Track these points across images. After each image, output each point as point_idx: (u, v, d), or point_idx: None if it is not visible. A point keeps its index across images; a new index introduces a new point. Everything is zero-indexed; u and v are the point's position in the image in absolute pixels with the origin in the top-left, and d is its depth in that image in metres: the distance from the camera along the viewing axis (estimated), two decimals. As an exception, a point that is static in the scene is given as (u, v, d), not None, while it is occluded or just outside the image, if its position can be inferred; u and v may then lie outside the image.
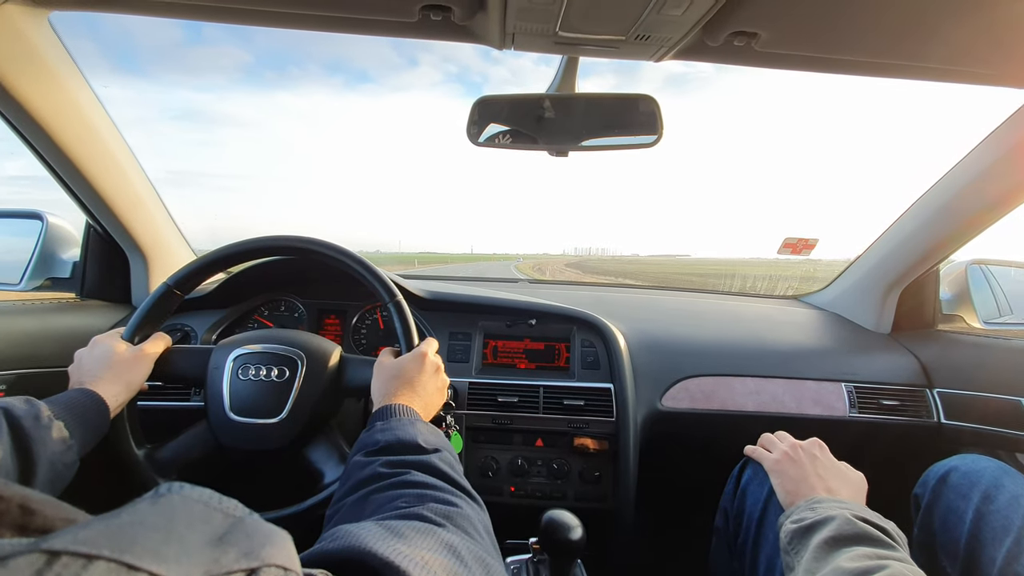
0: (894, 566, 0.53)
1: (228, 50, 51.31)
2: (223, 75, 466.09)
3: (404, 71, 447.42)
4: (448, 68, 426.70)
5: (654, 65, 0.84)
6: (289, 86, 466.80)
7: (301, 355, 0.86)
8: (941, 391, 1.20)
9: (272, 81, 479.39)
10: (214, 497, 0.26)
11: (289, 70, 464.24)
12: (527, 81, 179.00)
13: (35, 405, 0.64)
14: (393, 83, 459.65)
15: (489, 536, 0.49)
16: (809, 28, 0.73)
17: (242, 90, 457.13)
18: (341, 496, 0.55)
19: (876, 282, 1.37)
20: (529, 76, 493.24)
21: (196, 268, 0.89)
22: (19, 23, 0.78)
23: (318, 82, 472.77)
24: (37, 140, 0.94)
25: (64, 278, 1.19)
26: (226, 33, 29.14)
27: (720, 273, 21.60)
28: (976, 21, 0.70)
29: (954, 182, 1.13)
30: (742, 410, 1.17)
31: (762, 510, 0.79)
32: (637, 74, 33.90)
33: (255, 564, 0.23)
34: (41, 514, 0.22)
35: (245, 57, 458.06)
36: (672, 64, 0.82)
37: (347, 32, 0.80)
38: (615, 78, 27.72)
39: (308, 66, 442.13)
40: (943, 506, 0.81)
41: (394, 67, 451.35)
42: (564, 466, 1.12)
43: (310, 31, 0.82)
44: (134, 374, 0.80)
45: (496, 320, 1.25)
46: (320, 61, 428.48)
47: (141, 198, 1.17)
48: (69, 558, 0.18)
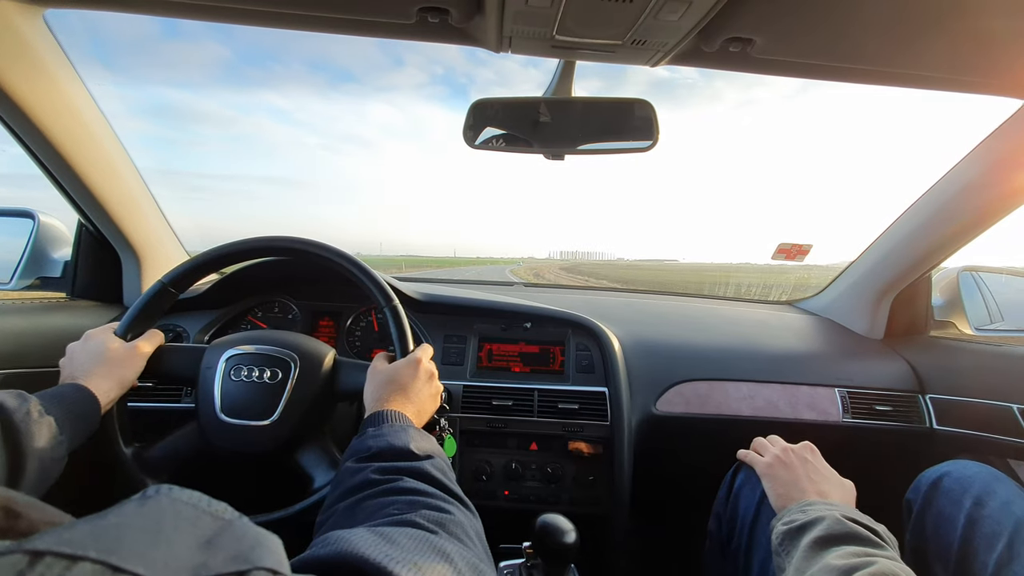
0: (882, 562, 0.53)
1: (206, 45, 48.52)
2: (200, 71, 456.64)
3: (389, 71, 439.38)
4: (434, 69, 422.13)
5: (640, 69, 0.84)
6: (270, 83, 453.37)
7: (294, 357, 0.85)
8: (933, 397, 1.20)
9: (251, 78, 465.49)
10: (203, 500, 0.25)
11: (270, 66, 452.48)
12: (514, 83, 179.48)
13: (26, 400, 0.64)
14: (378, 83, 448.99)
15: (481, 543, 0.49)
16: (804, 35, 0.74)
17: (219, 87, 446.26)
18: (332, 502, 0.55)
19: (869, 288, 1.38)
20: (516, 78, 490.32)
21: (191, 267, 0.88)
22: (14, 20, 0.78)
23: (299, 81, 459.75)
24: (30, 137, 0.93)
25: (55, 277, 1.18)
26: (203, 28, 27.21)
27: (710, 281, 21.65)
28: (969, 31, 0.71)
29: (946, 189, 1.14)
30: (736, 414, 1.17)
31: (755, 514, 0.79)
32: (621, 77, 33.99)
33: (243, 567, 0.22)
34: (26, 517, 0.22)
35: (223, 52, 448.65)
36: (659, 68, 0.82)
37: (344, 33, 0.80)
38: (599, 81, 27.51)
39: (290, 63, 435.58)
40: (935, 512, 0.81)
41: (379, 67, 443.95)
42: (558, 470, 1.11)
43: (307, 32, 0.82)
44: (126, 371, 0.79)
45: (491, 323, 1.24)
46: (303, 59, 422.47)
47: (134, 197, 1.16)
48: (53, 558, 0.18)
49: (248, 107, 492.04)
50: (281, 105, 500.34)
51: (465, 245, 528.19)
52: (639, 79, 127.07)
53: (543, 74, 0.88)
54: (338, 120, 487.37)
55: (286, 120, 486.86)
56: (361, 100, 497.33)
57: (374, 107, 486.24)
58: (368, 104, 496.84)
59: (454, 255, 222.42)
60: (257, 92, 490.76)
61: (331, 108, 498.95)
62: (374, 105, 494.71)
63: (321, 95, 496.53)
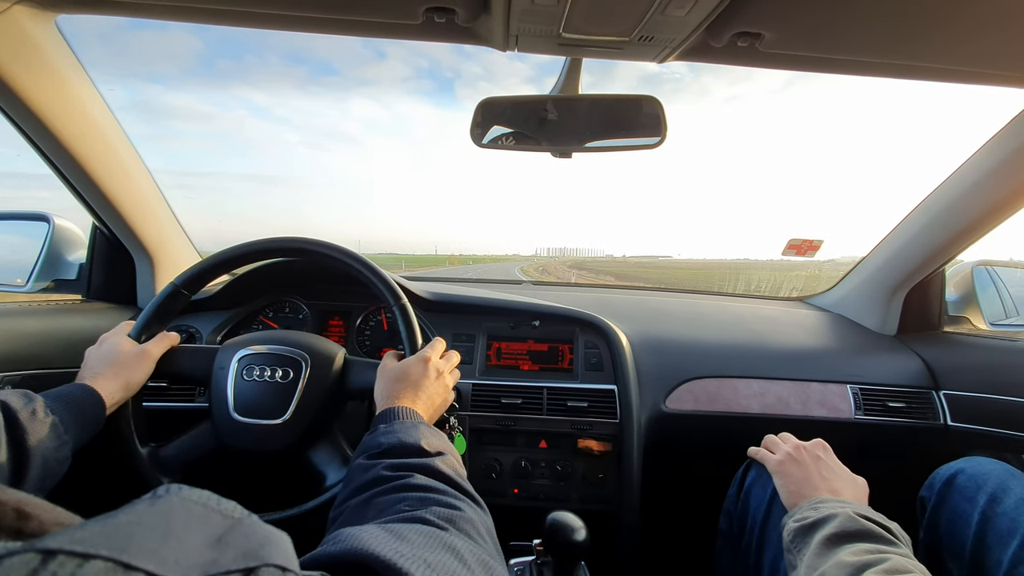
0: (895, 559, 0.53)
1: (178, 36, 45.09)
2: (173, 64, 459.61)
3: (370, 64, 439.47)
4: (418, 63, 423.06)
5: (629, 66, 0.84)
6: (246, 77, 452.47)
7: (305, 356, 0.86)
8: (947, 393, 1.19)
9: (227, 72, 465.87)
10: (212, 499, 0.26)
11: (246, 59, 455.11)
12: (500, 77, 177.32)
13: (32, 399, 0.64)
14: (358, 76, 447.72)
15: (492, 540, 0.49)
16: (814, 28, 0.73)
17: (194, 81, 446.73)
18: (344, 499, 0.55)
19: (881, 283, 1.36)
20: (502, 72, 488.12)
21: (204, 268, 0.89)
22: (27, 26, 0.79)
23: (279, 73, 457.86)
24: (44, 142, 0.95)
25: (70, 280, 1.20)
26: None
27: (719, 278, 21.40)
28: (982, 21, 0.70)
29: (960, 182, 1.13)
30: (747, 412, 1.16)
31: (766, 512, 0.79)
32: (611, 74, 32.86)
33: (253, 564, 0.23)
34: (36, 518, 0.22)
35: (196, 44, 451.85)
36: (647, 65, 0.82)
37: (351, 34, 0.81)
38: (589, 76, 27.68)
39: (267, 56, 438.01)
40: (949, 509, 0.80)
41: (360, 59, 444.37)
42: (568, 468, 1.12)
43: (314, 34, 0.82)
44: (134, 373, 0.81)
45: (500, 321, 1.25)
46: (281, 52, 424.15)
47: (147, 200, 1.18)
48: (65, 557, 0.18)
49: (227, 103, 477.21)
50: (261, 101, 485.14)
51: (446, 242, 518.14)
52: (629, 75, 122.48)
53: (530, 68, 0.88)
54: (319, 116, 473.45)
55: (266, 116, 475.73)
56: (343, 94, 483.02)
57: (356, 102, 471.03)
58: (351, 99, 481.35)
59: (435, 252, 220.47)
60: (235, 87, 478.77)
61: (312, 103, 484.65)
62: (356, 100, 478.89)
63: (302, 89, 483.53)
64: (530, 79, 28.16)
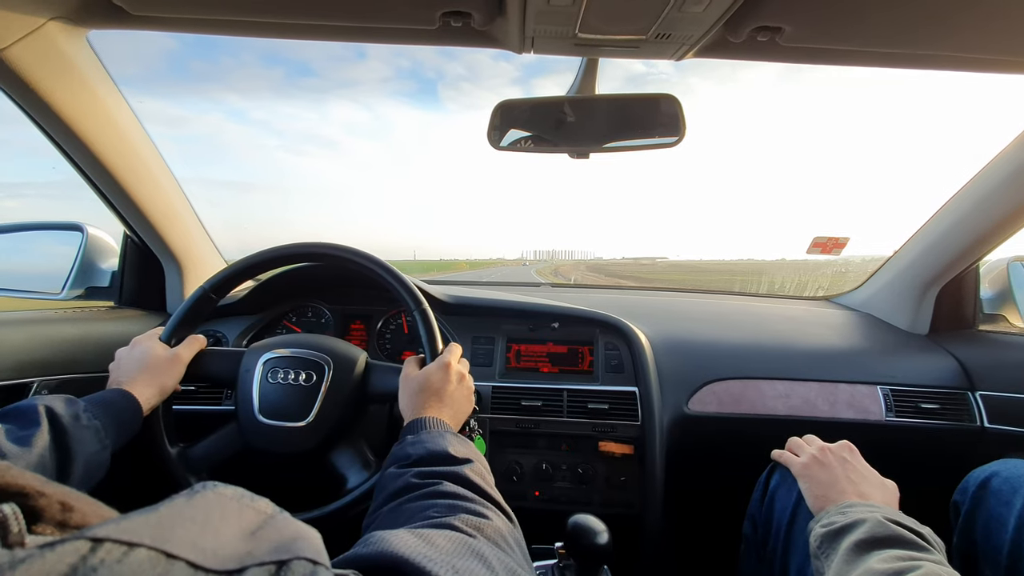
0: (928, 566, 0.51)
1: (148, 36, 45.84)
2: (141, 65, 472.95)
3: (351, 64, 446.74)
4: (400, 63, 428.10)
5: (609, 64, 0.83)
6: (223, 79, 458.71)
7: (328, 360, 0.87)
8: (984, 394, 1.15)
9: (203, 73, 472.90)
10: (246, 495, 0.28)
11: (222, 61, 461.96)
12: (484, 77, 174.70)
13: (75, 404, 0.67)
14: (339, 77, 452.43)
15: (521, 550, 0.49)
16: (835, 19, 0.71)
17: (165, 83, 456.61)
18: (376, 507, 0.57)
19: (912, 281, 1.32)
20: (487, 71, 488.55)
21: (231, 273, 0.92)
22: (59, 41, 0.82)
23: (255, 75, 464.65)
24: (76, 153, 0.98)
25: (103, 287, 1.24)
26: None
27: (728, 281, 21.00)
28: (1008, 5, 0.67)
29: (993, 175, 1.09)
30: (772, 414, 1.14)
31: (791, 516, 0.77)
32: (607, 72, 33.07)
33: (285, 556, 0.24)
34: (79, 511, 0.24)
35: (169, 44, 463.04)
36: (634, 63, 0.81)
37: (368, 41, 0.82)
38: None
39: (243, 56, 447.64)
40: (984, 513, 0.78)
41: (340, 59, 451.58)
42: (589, 471, 1.11)
43: (332, 42, 0.83)
44: (166, 378, 0.83)
45: (518, 324, 1.25)
46: (257, 51, 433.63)
47: (176, 208, 1.21)
48: (112, 544, 0.19)
49: (201, 105, 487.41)
50: (237, 104, 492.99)
51: (425, 247, 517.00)
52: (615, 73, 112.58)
53: (515, 68, 0.88)
54: (298, 119, 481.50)
55: (243, 120, 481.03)
56: (322, 96, 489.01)
57: (336, 104, 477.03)
58: (329, 102, 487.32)
59: (414, 258, 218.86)
60: (209, 90, 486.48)
61: (290, 107, 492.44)
62: (336, 103, 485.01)
63: (280, 92, 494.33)
64: (516, 80, 27.52)
